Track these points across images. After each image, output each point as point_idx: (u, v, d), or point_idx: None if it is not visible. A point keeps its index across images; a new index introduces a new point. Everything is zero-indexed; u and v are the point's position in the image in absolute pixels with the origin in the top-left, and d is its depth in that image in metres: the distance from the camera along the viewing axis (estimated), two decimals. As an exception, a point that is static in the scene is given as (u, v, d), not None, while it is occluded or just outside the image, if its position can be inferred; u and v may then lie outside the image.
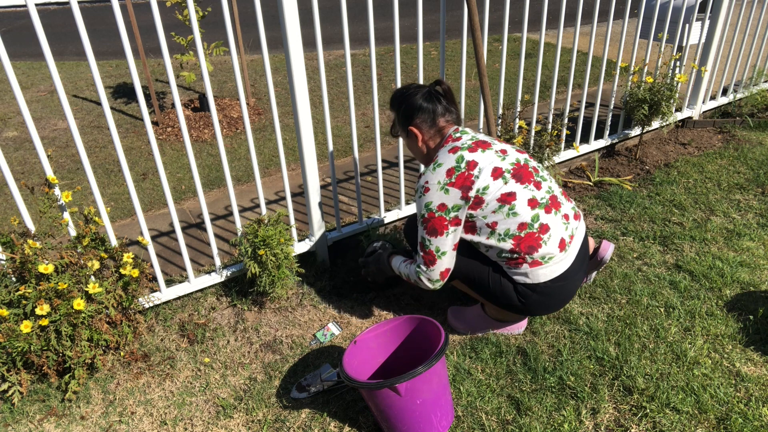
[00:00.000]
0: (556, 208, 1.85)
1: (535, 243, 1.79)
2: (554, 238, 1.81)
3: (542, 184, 1.85)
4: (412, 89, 1.95)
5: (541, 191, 1.83)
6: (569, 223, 1.88)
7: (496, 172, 1.79)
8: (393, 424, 1.65)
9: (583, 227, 1.97)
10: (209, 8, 4.51)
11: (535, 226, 1.79)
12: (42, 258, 1.87)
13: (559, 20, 2.81)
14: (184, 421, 1.86)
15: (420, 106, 1.91)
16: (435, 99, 1.92)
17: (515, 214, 1.78)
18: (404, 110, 1.95)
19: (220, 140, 2.13)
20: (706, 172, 3.23)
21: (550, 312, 1.97)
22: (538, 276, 1.82)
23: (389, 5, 8.20)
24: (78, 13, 1.73)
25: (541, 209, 1.81)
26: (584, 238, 1.96)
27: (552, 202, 1.84)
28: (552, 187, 1.89)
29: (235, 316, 2.31)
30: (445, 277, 1.87)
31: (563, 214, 1.87)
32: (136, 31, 3.88)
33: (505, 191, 1.77)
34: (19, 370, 1.87)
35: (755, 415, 1.73)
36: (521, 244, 1.79)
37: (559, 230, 1.83)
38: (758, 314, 2.13)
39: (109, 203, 3.30)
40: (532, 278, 1.83)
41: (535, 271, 1.82)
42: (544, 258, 1.80)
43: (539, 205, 1.81)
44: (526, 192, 1.80)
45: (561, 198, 1.90)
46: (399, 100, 1.97)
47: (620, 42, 3.14)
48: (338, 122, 4.37)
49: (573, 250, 1.88)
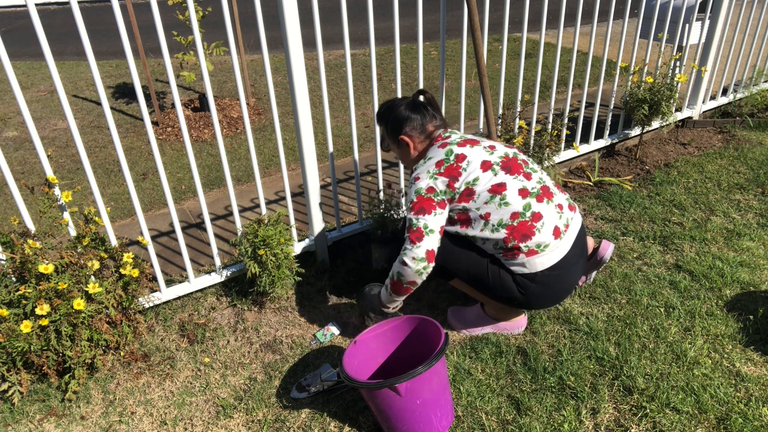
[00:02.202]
0: (548, 197, 1.88)
1: (529, 231, 1.81)
2: (548, 226, 1.83)
3: (532, 175, 1.90)
4: (397, 101, 2.05)
5: (531, 181, 1.87)
6: (563, 212, 1.90)
7: (485, 164, 1.84)
8: (393, 424, 1.65)
9: (579, 219, 1.98)
10: (209, 8, 4.51)
11: (527, 214, 1.81)
12: (42, 258, 1.87)
13: (559, 20, 2.81)
14: (184, 421, 1.86)
15: (407, 115, 2.00)
16: (421, 107, 2.03)
17: (507, 203, 1.81)
18: (392, 122, 2.03)
19: (220, 140, 2.13)
20: (706, 172, 3.23)
21: (551, 304, 1.97)
22: (535, 265, 1.83)
23: (389, 5, 8.20)
24: (78, 13, 1.73)
25: (533, 198, 1.84)
26: (581, 229, 1.97)
27: (543, 191, 1.88)
28: (543, 179, 1.93)
29: (235, 316, 2.31)
30: (431, 258, 1.80)
31: (557, 203, 1.89)
32: (136, 31, 3.88)
33: (495, 182, 1.82)
34: (19, 370, 1.87)
35: (755, 415, 1.73)
36: (514, 233, 1.81)
37: (552, 218, 1.85)
38: (758, 314, 2.13)
39: (109, 203, 3.30)
40: (529, 267, 1.84)
41: (532, 260, 1.83)
42: (539, 246, 1.82)
43: (530, 194, 1.84)
44: (516, 182, 1.84)
45: (553, 189, 1.93)
46: (386, 114, 2.06)
47: (620, 42, 3.14)
48: (338, 122, 4.37)
49: (568, 238, 1.89)
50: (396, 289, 1.89)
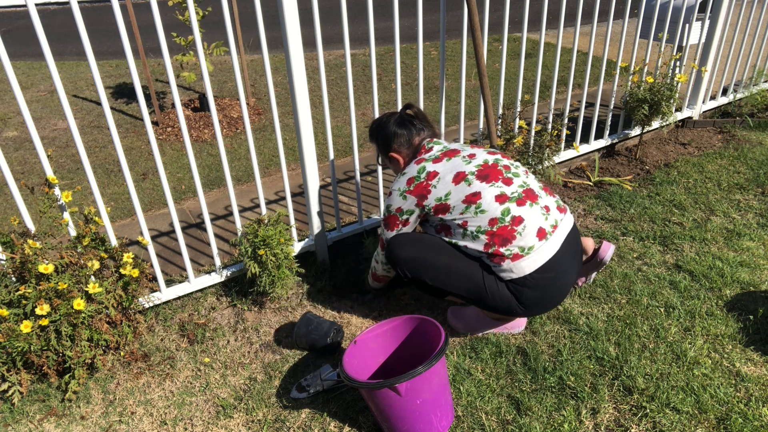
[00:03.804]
0: (533, 200, 1.88)
1: (509, 235, 1.81)
2: (530, 228, 1.83)
3: (513, 180, 1.91)
4: (385, 118, 2.12)
5: (512, 186, 1.89)
6: (550, 214, 1.90)
7: (458, 176, 1.88)
8: (393, 424, 1.65)
9: (569, 220, 1.98)
10: (209, 8, 4.52)
11: (506, 219, 1.82)
12: (42, 258, 1.87)
13: (559, 20, 2.81)
14: (184, 421, 1.86)
15: (394, 132, 2.07)
16: (407, 123, 2.09)
17: (483, 211, 1.83)
18: (382, 140, 2.11)
19: (220, 140, 2.13)
20: (706, 172, 3.23)
21: (550, 308, 1.96)
22: (522, 268, 1.83)
23: (389, 5, 8.20)
24: (78, 13, 1.73)
25: (512, 203, 1.85)
26: (572, 230, 1.97)
27: (527, 195, 1.89)
28: (527, 182, 1.94)
29: (235, 316, 2.31)
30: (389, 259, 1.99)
31: (543, 205, 1.90)
32: (136, 31, 3.88)
33: (469, 192, 1.85)
34: (19, 370, 1.87)
35: (755, 415, 1.73)
36: (495, 238, 1.82)
37: (536, 220, 1.85)
38: (758, 314, 2.13)
39: (109, 203, 3.30)
40: (517, 272, 1.84)
41: (518, 264, 1.83)
42: (523, 249, 1.82)
43: (509, 199, 1.85)
44: (493, 189, 1.86)
45: (539, 192, 1.95)
46: (376, 132, 2.14)
47: (620, 42, 3.14)
48: (338, 122, 4.37)
49: (556, 239, 1.88)
50: (375, 279, 2.27)
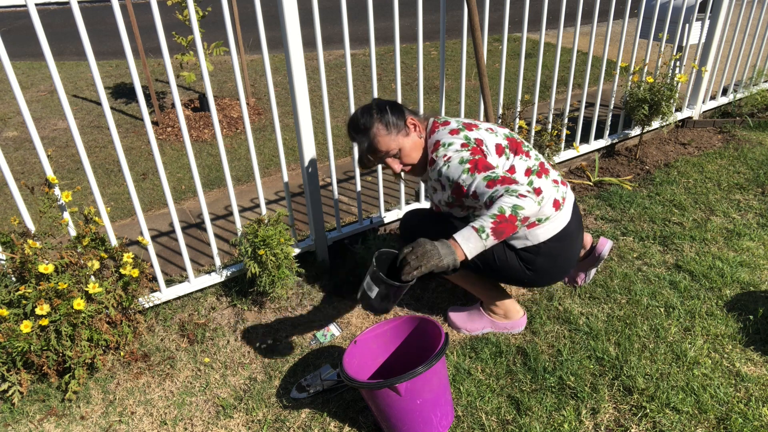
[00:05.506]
0: (546, 173, 1.92)
1: None
2: (547, 200, 1.87)
3: (530, 152, 1.94)
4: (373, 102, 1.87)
5: (531, 159, 1.91)
6: (558, 186, 1.94)
7: (498, 148, 1.86)
8: (393, 424, 1.65)
9: (571, 193, 2.03)
10: (209, 8, 4.51)
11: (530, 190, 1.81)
12: (42, 258, 1.87)
13: (559, 20, 2.81)
14: (184, 421, 1.86)
15: (395, 104, 1.86)
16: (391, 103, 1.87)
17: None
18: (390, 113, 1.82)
19: (220, 140, 2.13)
20: (706, 172, 3.23)
21: (558, 278, 1.99)
22: (537, 236, 1.86)
23: (389, 5, 8.20)
24: (78, 13, 1.73)
25: (534, 175, 1.88)
26: (575, 203, 2.02)
27: (541, 168, 1.92)
28: (538, 155, 1.98)
29: (235, 316, 2.31)
30: None
31: (552, 179, 1.94)
32: (136, 31, 3.88)
33: (508, 165, 1.86)
34: (19, 370, 1.87)
35: (755, 415, 1.73)
36: None
37: (551, 192, 1.89)
38: (758, 314, 2.13)
39: (109, 203, 3.30)
40: (531, 239, 1.87)
41: (533, 231, 1.86)
42: (540, 219, 1.85)
43: (532, 172, 1.89)
44: (522, 163, 1.88)
45: (547, 165, 1.99)
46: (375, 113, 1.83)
47: (620, 42, 3.14)
48: (338, 122, 4.37)
49: (567, 209, 1.93)
50: (504, 229, 1.58)
